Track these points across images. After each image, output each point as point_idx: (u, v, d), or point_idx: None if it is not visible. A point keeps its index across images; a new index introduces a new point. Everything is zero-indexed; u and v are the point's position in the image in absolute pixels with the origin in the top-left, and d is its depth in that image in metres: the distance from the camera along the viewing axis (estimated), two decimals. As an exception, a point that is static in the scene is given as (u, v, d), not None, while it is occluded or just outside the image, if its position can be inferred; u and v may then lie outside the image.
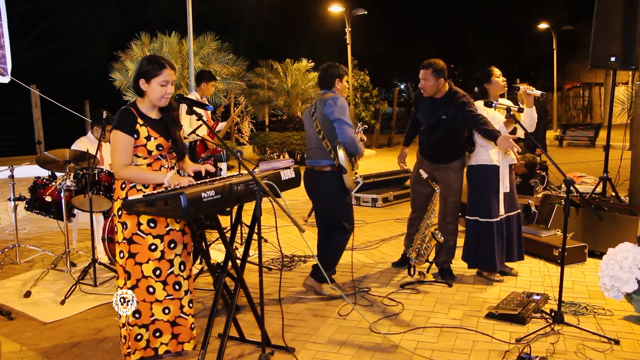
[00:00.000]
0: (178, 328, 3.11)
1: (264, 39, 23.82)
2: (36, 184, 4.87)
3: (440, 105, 4.40)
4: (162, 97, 2.98)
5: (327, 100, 3.99)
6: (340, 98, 4.04)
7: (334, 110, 3.94)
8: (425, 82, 4.38)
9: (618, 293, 3.57)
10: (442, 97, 4.41)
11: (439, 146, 4.51)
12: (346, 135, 3.92)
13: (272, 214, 3.08)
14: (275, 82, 14.43)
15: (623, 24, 5.89)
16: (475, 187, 4.42)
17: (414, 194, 4.77)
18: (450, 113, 4.34)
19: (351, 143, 3.94)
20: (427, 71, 4.36)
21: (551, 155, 4.06)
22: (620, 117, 11.70)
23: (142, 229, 2.97)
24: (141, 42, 11.84)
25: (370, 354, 3.24)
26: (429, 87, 4.38)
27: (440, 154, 4.52)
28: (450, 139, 4.45)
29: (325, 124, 3.98)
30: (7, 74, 7.94)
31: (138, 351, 3.03)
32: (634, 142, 5.77)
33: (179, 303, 3.09)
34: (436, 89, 4.39)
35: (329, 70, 4.12)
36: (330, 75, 4.10)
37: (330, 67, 4.14)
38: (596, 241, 5.00)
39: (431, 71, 4.35)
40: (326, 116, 3.97)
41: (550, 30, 23.34)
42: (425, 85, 4.39)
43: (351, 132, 3.94)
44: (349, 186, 4.06)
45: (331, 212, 4.11)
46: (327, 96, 4.04)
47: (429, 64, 4.37)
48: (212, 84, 6.07)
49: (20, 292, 4.29)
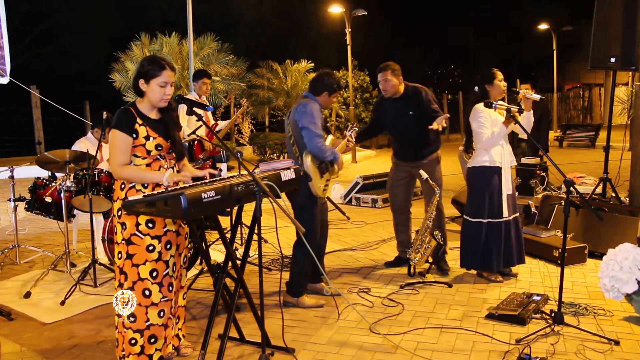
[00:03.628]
0: (168, 330, 3.12)
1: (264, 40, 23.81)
2: (36, 185, 4.87)
3: (403, 103, 4.70)
4: (162, 98, 2.98)
5: (300, 105, 3.95)
6: (313, 104, 3.92)
7: (302, 117, 3.88)
8: (387, 83, 4.65)
9: (618, 294, 3.57)
10: (401, 95, 4.70)
11: (418, 142, 4.75)
12: (311, 144, 3.84)
13: (272, 214, 3.07)
14: (275, 83, 14.43)
15: (623, 24, 5.88)
16: (477, 189, 4.40)
17: (392, 197, 4.98)
18: (414, 107, 4.66)
19: (316, 152, 3.84)
20: (386, 72, 4.64)
21: (551, 155, 4.06)
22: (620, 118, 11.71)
23: (140, 230, 2.96)
24: (141, 42, 11.83)
25: (370, 354, 3.24)
26: (390, 87, 4.66)
27: (421, 150, 4.76)
28: (425, 132, 4.65)
29: (295, 129, 3.93)
30: (6, 75, 7.93)
31: (132, 355, 2.99)
32: (634, 143, 5.77)
33: (170, 304, 3.09)
34: (396, 89, 4.66)
35: (325, 79, 4.03)
36: (323, 84, 4.02)
37: (328, 77, 4.04)
38: (596, 242, 5.00)
39: (390, 72, 4.63)
40: (296, 121, 3.92)
41: (550, 30, 23.32)
42: (386, 86, 4.66)
43: (317, 141, 3.82)
44: (316, 194, 3.92)
45: (298, 215, 3.94)
46: (302, 100, 3.99)
47: (386, 66, 4.67)
48: (204, 80, 5.92)
49: (20, 292, 4.28)
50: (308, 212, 3.94)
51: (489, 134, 4.24)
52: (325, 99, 4.04)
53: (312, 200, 3.95)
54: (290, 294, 4.03)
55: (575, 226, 5.22)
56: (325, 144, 3.92)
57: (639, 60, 5.86)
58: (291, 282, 4.03)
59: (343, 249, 5.51)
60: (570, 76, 30.14)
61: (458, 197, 6.56)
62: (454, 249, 5.37)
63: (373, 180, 8.34)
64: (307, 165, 3.86)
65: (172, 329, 3.17)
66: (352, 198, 7.96)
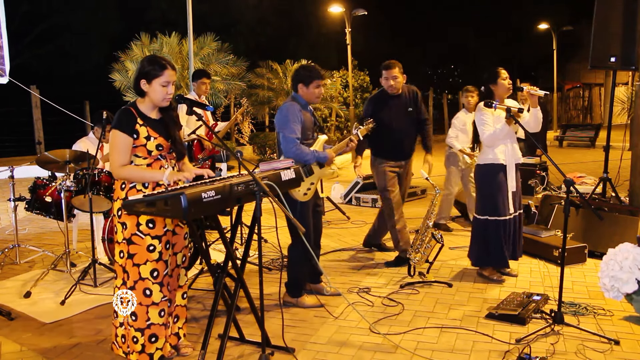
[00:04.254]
0: (167, 330, 3.12)
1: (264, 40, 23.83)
2: (36, 185, 4.86)
3: (402, 100, 4.81)
4: (164, 98, 2.99)
5: (279, 108, 3.91)
6: (290, 105, 3.83)
7: (277, 120, 3.83)
8: (396, 80, 4.74)
9: (618, 293, 3.57)
10: (401, 93, 4.84)
11: (409, 140, 4.91)
12: (287, 149, 3.75)
13: (272, 214, 3.08)
14: (275, 83, 14.43)
15: (623, 24, 5.88)
16: (483, 186, 4.42)
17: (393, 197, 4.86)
18: (412, 105, 4.81)
19: (294, 157, 3.66)
20: (395, 69, 4.72)
21: (551, 155, 4.06)
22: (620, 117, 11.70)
23: (141, 230, 2.96)
24: (141, 42, 11.83)
25: (370, 354, 3.24)
26: (398, 84, 4.77)
27: (410, 149, 4.95)
28: (415, 131, 4.87)
29: (277, 134, 3.90)
30: (5, 75, 7.92)
31: (134, 353, 3.02)
32: (634, 143, 5.77)
33: (168, 303, 3.10)
34: (401, 86, 4.81)
35: (299, 71, 3.95)
36: (297, 78, 3.91)
37: (302, 69, 3.96)
38: (596, 241, 5.00)
39: (398, 69, 4.73)
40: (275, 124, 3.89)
41: (550, 30, 23.34)
42: (396, 82, 4.75)
43: (293, 147, 3.73)
44: (296, 198, 3.80)
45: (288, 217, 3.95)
46: (284, 101, 3.95)
47: (394, 63, 4.75)
48: (203, 80, 5.87)
49: (20, 292, 4.28)
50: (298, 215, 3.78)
51: (491, 131, 4.24)
52: (305, 92, 3.89)
53: (295, 203, 3.80)
54: (289, 294, 4.03)
55: (575, 226, 5.22)
56: (301, 147, 3.78)
57: (639, 60, 5.86)
58: (289, 284, 4.03)
59: (343, 248, 5.51)
60: (570, 76, 30.14)
61: (458, 197, 6.56)
62: (454, 248, 5.38)
63: (373, 180, 8.33)
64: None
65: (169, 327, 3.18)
66: (352, 198, 7.96)
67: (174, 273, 3.15)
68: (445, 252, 5.06)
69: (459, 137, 5.90)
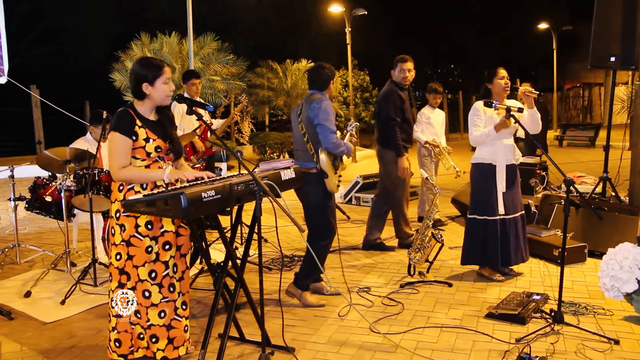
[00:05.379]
0: (173, 331, 3.08)
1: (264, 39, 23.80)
2: (36, 184, 4.86)
3: (408, 93, 5.20)
4: (167, 95, 3.02)
5: (313, 102, 3.95)
6: (326, 101, 3.99)
7: (317, 114, 3.90)
8: (411, 72, 5.10)
9: (618, 293, 3.57)
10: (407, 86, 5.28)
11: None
12: (328, 141, 3.90)
13: (272, 214, 3.08)
14: (275, 82, 14.42)
15: (623, 24, 5.89)
16: (473, 185, 4.48)
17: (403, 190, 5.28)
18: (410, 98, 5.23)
19: (333, 149, 3.92)
20: (411, 63, 5.11)
21: (551, 155, 4.06)
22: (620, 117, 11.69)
23: (139, 231, 2.96)
24: (141, 42, 11.82)
25: (370, 354, 3.24)
26: (412, 77, 5.13)
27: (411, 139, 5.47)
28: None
29: (310, 127, 3.95)
30: (4, 75, 7.91)
31: (141, 349, 3.04)
32: (634, 142, 5.77)
33: (173, 305, 3.07)
34: None
35: (322, 71, 4.06)
36: (324, 76, 4.06)
37: (323, 69, 4.08)
38: (596, 241, 5.00)
39: (411, 63, 5.12)
40: (311, 119, 3.94)
41: (550, 30, 23.33)
42: (412, 75, 5.11)
43: (333, 138, 3.90)
44: (331, 189, 3.99)
45: (313, 214, 4.04)
46: (314, 98, 3.99)
47: (409, 56, 5.08)
48: (192, 81, 5.75)
49: (21, 292, 4.29)
50: (327, 209, 4.01)
51: (478, 133, 4.24)
52: (329, 91, 4.13)
53: (328, 196, 4.02)
54: (296, 285, 4.05)
55: (575, 225, 5.22)
56: (339, 138, 4.00)
57: (638, 59, 5.86)
58: (301, 274, 4.04)
59: (343, 248, 5.51)
60: (570, 76, 30.13)
61: (458, 197, 6.57)
62: (454, 248, 5.38)
63: (373, 179, 8.32)
64: (323, 162, 3.91)
65: (184, 330, 3.11)
66: (352, 197, 7.96)
67: (184, 275, 3.14)
68: (445, 252, 5.06)
69: (424, 130, 6.29)
